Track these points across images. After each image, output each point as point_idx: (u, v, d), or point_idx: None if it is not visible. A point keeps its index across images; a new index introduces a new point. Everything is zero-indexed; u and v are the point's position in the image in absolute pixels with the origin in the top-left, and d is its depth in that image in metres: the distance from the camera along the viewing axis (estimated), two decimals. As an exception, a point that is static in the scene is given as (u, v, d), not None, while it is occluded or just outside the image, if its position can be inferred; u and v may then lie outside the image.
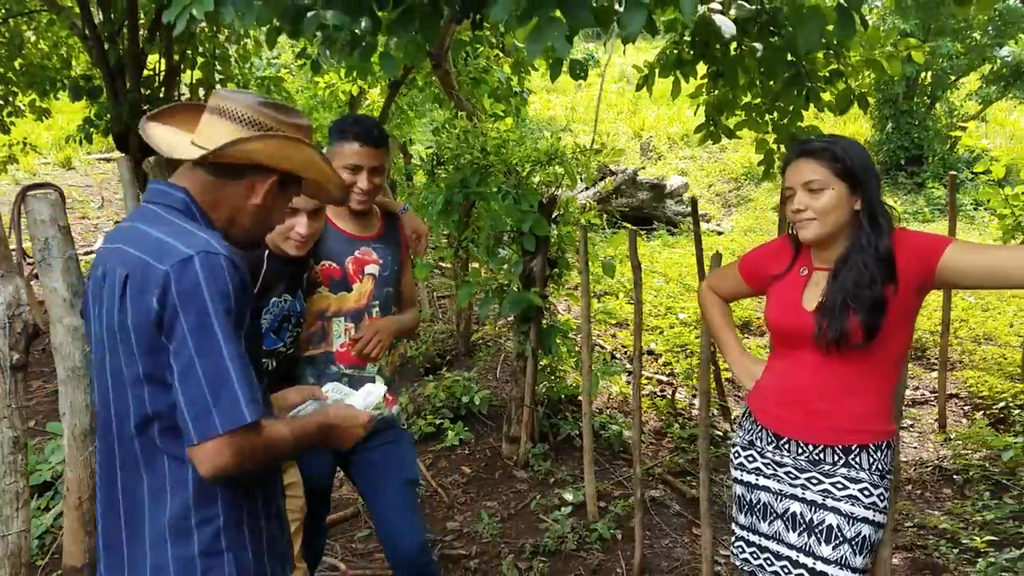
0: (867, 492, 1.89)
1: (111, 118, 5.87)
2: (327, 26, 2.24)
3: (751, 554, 2.08)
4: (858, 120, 14.82)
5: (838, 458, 1.92)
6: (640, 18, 1.83)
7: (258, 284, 2.03)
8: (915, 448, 4.46)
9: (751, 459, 2.09)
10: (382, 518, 2.32)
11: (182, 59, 6.15)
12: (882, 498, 1.90)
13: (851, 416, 1.90)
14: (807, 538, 1.94)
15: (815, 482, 1.95)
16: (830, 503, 1.91)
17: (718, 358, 4.53)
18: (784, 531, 1.99)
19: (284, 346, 2.16)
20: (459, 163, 4.15)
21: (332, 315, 2.26)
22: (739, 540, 2.13)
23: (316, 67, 3.78)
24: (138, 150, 5.65)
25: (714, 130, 4.58)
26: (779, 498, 2.01)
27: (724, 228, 11.50)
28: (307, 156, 1.49)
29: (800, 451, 1.97)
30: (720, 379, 4.82)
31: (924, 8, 11.42)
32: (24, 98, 7.57)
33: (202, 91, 6.61)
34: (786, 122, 4.22)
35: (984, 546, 3.23)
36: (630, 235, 3.36)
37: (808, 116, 4.22)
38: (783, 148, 4.35)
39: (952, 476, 4.05)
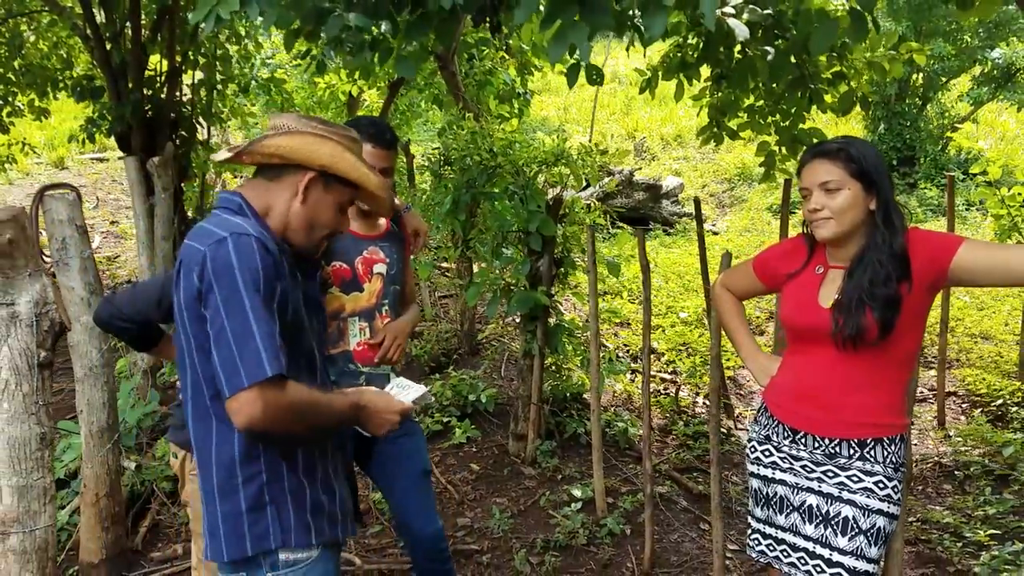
0: (882, 484, 1.94)
1: (113, 118, 5.86)
2: (349, 27, 2.27)
3: (767, 546, 2.13)
4: (850, 121, 14.90)
5: (853, 452, 1.97)
6: (662, 21, 1.87)
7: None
8: (915, 445, 4.52)
9: (767, 453, 2.14)
10: (401, 506, 2.38)
11: (184, 59, 6.15)
12: (896, 490, 1.96)
13: (866, 411, 1.95)
14: (823, 530, 1.99)
15: (831, 475, 2.00)
16: (846, 496, 1.96)
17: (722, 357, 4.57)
18: (800, 523, 2.04)
19: None
20: (466, 164, 4.19)
21: (347, 315, 2.32)
22: (755, 533, 2.18)
23: (321, 67, 3.80)
24: (141, 150, 5.66)
25: (717, 131, 4.64)
26: (796, 491, 2.06)
27: (719, 228, 11.55)
28: (333, 149, 1.58)
29: (816, 445, 2.02)
30: (724, 377, 4.87)
31: (917, 10, 11.52)
32: (23, 98, 7.56)
33: (203, 92, 6.61)
34: (788, 124, 4.28)
35: (987, 540, 3.29)
36: (639, 236, 3.41)
37: (807, 118, 4.28)
38: (784, 150, 4.41)
39: (952, 472, 4.11)
